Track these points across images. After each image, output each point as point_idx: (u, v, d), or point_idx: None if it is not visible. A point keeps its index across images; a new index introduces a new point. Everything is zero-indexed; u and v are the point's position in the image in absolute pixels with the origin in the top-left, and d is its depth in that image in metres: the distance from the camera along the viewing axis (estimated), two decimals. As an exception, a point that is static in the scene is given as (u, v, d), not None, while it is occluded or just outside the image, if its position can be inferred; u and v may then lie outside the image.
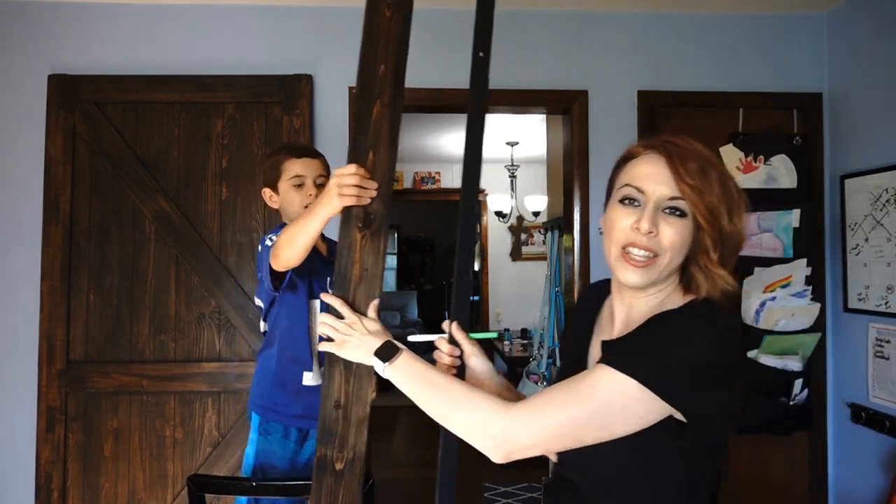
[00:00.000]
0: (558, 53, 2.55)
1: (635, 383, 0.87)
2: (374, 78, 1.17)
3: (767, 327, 2.42)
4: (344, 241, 1.15)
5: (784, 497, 2.54)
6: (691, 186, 0.92)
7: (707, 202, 0.92)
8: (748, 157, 2.49)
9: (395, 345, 1.06)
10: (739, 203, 0.96)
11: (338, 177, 1.14)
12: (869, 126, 2.35)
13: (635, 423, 0.88)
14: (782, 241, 2.47)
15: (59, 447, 2.32)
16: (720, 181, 0.94)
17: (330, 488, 1.12)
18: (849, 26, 2.46)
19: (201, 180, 2.42)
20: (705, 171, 0.93)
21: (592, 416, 0.88)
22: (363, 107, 1.17)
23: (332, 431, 1.11)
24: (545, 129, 3.64)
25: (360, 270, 1.14)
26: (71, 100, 2.37)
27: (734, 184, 0.97)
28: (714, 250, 0.93)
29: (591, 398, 0.88)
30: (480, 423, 0.93)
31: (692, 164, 0.93)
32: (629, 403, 0.87)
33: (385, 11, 1.19)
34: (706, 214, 0.92)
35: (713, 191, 0.92)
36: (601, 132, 2.54)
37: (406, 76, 1.22)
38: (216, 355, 2.40)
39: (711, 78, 2.56)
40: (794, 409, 2.45)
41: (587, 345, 1.09)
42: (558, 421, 0.89)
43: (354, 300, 1.13)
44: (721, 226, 0.93)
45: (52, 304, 2.34)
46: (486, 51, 1.13)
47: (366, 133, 1.16)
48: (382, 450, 4.89)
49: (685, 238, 0.94)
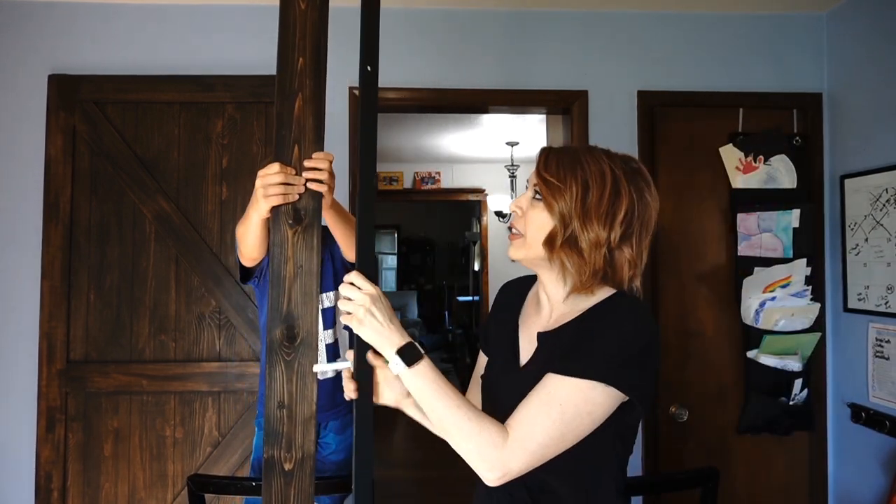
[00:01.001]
0: (558, 53, 2.55)
1: (591, 383, 0.98)
2: (292, 71, 1.16)
3: (767, 327, 2.42)
4: (275, 239, 1.14)
5: (784, 497, 2.54)
6: (544, 179, 1.05)
7: (553, 190, 1.04)
8: (748, 157, 2.49)
9: (417, 349, 1.05)
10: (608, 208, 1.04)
11: (261, 178, 1.14)
12: (869, 126, 2.35)
13: (602, 416, 1.00)
14: (782, 241, 2.47)
15: (59, 447, 2.32)
16: (584, 184, 1.04)
17: (280, 489, 1.11)
18: (849, 26, 2.46)
19: (201, 180, 2.42)
20: (569, 171, 1.05)
21: (568, 428, 0.98)
22: (284, 101, 1.16)
23: (278, 432, 1.10)
24: (545, 129, 3.65)
25: (294, 268, 1.13)
26: (71, 100, 2.37)
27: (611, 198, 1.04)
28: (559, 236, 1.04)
29: (562, 414, 0.98)
30: (481, 449, 0.99)
31: (557, 161, 1.06)
32: (593, 405, 0.99)
33: (300, 3, 1.17)
34: (551, 202, 1.05)
35: (566, 182, 1.04)
36: (601, 132, 2.54)
37: (406, 76, 1.22)
38: (216, 355, 2.40)
39: (711, 78, 2.56)
40: (794, 409, 2.45)
41: (516, 335, 1.18)
42: (545, 444, 0.98)
43: (291, 299, 1.12)
44: (568, 218, 1.04)
45: (52, 304, 2.34)
46: (374, 65, 1.13)
47: (289, 128, 1.15)
48: (382, 450, 4.90)
49: (543, 221, 1.06)
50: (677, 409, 2.48)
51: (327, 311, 1.82)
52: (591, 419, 0.99)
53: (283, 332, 1.12)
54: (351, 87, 2.43)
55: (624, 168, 1.08)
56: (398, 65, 2.48)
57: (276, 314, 1.12)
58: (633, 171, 1.09)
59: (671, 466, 2.50)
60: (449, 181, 6.53)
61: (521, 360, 1.14)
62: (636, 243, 1.07)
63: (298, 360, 1.11)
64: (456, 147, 5.75)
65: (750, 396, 2.46)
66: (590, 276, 1.05)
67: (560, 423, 0.98)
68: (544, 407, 0.99)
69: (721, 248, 2.53)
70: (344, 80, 2.44)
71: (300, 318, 1.13)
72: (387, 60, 2.47)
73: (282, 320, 1.12)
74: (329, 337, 1.82)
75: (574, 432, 0.99)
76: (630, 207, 1.06)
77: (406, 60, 2.49)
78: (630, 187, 1.06)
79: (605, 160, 1.07)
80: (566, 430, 0.98)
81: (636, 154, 2.53)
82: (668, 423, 2.50)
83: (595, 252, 1.04)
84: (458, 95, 2.50)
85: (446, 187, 6.50)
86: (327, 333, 1.82)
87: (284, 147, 1.15)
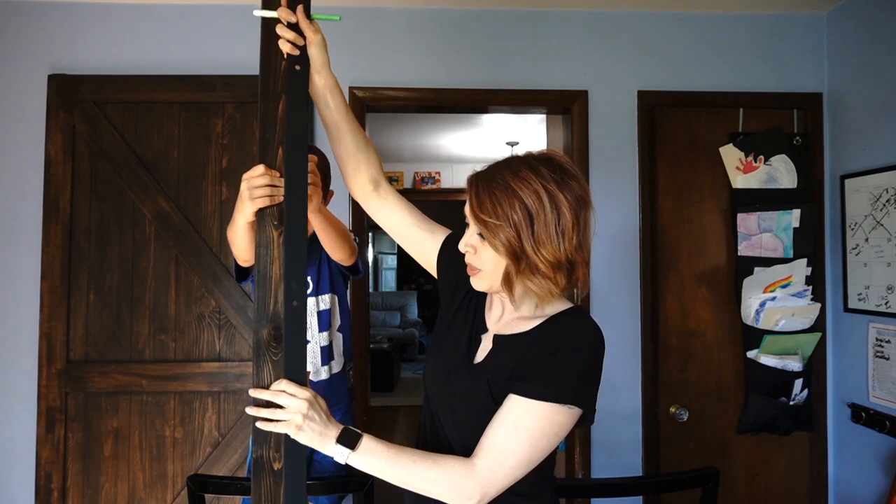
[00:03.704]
0: (558, 53, 2.55)
1: (557, 406, 1.02)
2: (276, 73, 1.17)
3: (767, 327, 2.42)
4: (261, 240, 1.14)
5: (784, 497, 2.54)
6: (483, 221, 1.05)
7: (497, 234, 1.04)
8: (748, 157, 2.49)
9: (353, 430, 1.07)
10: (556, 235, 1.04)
11: (246, 180, 1.14)
12: (869, 126, 2.34)
13: (565, 434, 1.06)
14: (782, 241, 2.47)
15: (59, 447, 2.32)
16: (526, 214, 1.03)
17: (270, 489, 1.11)
18: (849, 26, 2.46)
19: (201, 180, 2.42)
20: (504, 205, 1.03)
21: (536, 450, 1.04)
22: (268, 103, 1.15)
23: (266, 432, 1.09)
24: (545, 129, 3.64)
25: (281, 269, 1.13)
26: (71, 100, 2.37)
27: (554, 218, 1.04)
28: (517, 273, 1.06)
29: (530, 438, 1.02)
30: (453, 489, 1.04)
31: (489, 198, 1.04)
32: (559, 426, 1.04)
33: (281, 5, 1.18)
34: (494, 242, 1.05)
35: (511, 227, 1.03)
36: (601, 132, 2.54)
37: (406, 76, 1.22)
38: (216, 355, 2.40)
39: (711, 78, 2.56)
40: (794, 409, 2.45)
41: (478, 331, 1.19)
42: (516, 467, 1.04)
43: (277, 300, 1.12)
44: (523, 249, 1.03)
45: (52, 304, 2.34)
46: (304, 63, 1.16)
47: (273, 130, 1.15)
48: (382, 450, 4.89)
49: (497, 258, 1.07)
50: (677, 409, 2.48)
51: (323, 313, 1.81)
52: (557, 438, 1.05)
53: (269, 333, 1.12)
54: (351, 87, 2.43)
55: (553, 178, 1.05)
56: (398, 65, 2.48)
57: (263, 315, 1.12)
58: (561, 175, 1.06)
59: (671, 466, 2.50)
60: (449, 181, 6.52)
61: (477, 356, 1.16)
62: (585, 243, 1.09)
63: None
64: (456, 147, 5.74)
65: (750, 396, 2.46)
66: (557, 291, 1.08)
67: (528, 446, 1.03)
68: (513, 433, 1.03)
69: (721, 248, 2.53)
70: (344, 80, 2.43)
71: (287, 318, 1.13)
72: (386, 60, 2.48)
73: (268, 321, 1.12)
74: (324, 339, 1.81)
75: (542, 453, 1.05)
76: (574, 217, 1.05)
77: (406, 60, 2.48)
78: (566, 196, 1.04)
79: (534, 178, 1.04)
80: (534, 452, 1.04)
81: (636, 154, 2.54)
82: (668, 423, 2.50)
83: (558, 272, 1.05)
84: (458, 95, 2.50)
85: (446, 187, 6.50)
86: (322, 336, 1.81)
87: (269, 149, 1.15)
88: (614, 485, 1.73)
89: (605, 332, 1.11)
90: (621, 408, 2.50)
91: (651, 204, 2.53)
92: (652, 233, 2.52)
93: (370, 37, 2.48)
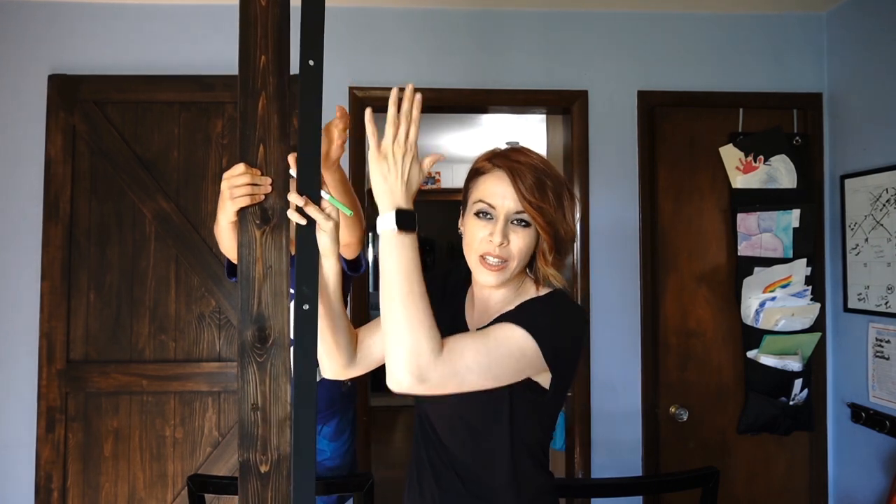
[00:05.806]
0: (558, 53, 2.55)
1: (523, 332, 1.04)
2: (255, 69, 1.16)
3: (767, 327, 2.42)
4: (243, 239, 1.13)
5: (784, 497, 2.54)
6: (531, 202, 1.07)
7: (545, 214, 1.08)
8: (748, 157, 2.49)
9: (415, 221, 1.02)
10: (571, 204, 1.13)
11: (226, 179, 1.13)
12: (869, 126, 2.34)
13: (525, 368, 1.06)
14: (782, 241, 2.47)
15: (59, 447, 2.32)
16: (555, 190, 1.09)
17: (257, 492, 1.10)
18: (849, 26, 2.46)
19: (201, 180, 2.42)
20: (542, 185, 1.08)
21: (495, 362, 1.03)
22: (247, 100, 1.15)
23: (252, 434, 1.09)
24: (545, 129, 3.64)
25: (264, 268, 1.12)
26: (71, 100, 2.37)
27: (566, 188, 1.13)
28: (550, 252, 1.11)
29: (496, 348, 1.03)
30: (411, 349, 0.98)
31: (530, 179, 1.08)
32: (521, 351, 1.04)
33: (260, 1, 1.17)
34: (545, 225, 1.08)
35: (550, 202, 1.08)
36: (601, 132, 2.54)
37: (405, 76, 1.21)
38: (216, 355, 2.40)
39: (711, 78, 2.56)
40: (793, 409, 2.45)
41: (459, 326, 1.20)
42: (469, 366, 1.01)
43: (261, 300, 1.11)
44: (557, 230, 1.10)
45: (52, 304, 2.34)
46: (318, 59, 1.12)
47: (253, 127, 1.14)
48: (382, 450, 4.90)
49: (530, 244, 1.11)
50: (677, 409, 2.48)
51: None
52: (516, 364, 1.04)
53: (254, 334, 1.11)
54: (351, 87, 2.43)
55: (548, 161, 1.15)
56: (398, 65, 2.47)
57: (247, 315, 1.11)
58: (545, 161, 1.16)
59: (671, 466, 2.50)
60: (449, 181, 6.53)
61: None
62: None
63: (271, 362, 1.10)
64: (456, 147, 5.75)
65: (750, 396, 2.46)
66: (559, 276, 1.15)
67: (487, 354, 1.02)
68: (480, 337, 1.04)
69: (721, 248, 2.53)
70: (344, 80, 2.44)
71: (271, 318, 1.12)
72: (386, 60, 2.48)
73: (252, 321, 1.11)
74: None
75: (498, 368, 1.03)
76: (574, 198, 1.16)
77: (406, 60, 2.48)
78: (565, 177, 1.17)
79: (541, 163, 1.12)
80: (492, 362, 1.02)
81: (636, 154, 2.54)
82: (668, 423, 2.50)
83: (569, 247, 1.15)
84: (457, 95, 2.50)
85: (446, 187, 6.50)
86: None
87: (249, 147, 1.14)
88: (614, 485, 1.73)
89: (605, 332, 1.13)
90: (621, 408, 2.50)
91: (651, 204, 2.53)
92: (652, 233, 2.52)
93: (370, 37, 2.48)
